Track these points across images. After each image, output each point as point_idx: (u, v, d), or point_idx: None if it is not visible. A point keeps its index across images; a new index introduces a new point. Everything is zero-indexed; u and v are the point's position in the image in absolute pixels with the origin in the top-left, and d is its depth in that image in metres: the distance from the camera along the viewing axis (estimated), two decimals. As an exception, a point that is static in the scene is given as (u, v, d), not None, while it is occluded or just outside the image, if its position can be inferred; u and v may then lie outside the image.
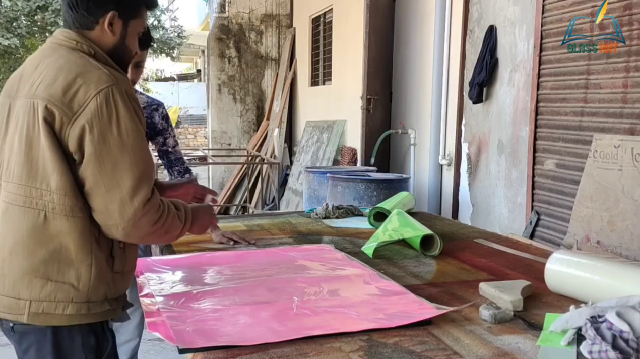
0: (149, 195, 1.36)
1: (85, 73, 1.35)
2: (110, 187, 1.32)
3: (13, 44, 10.57)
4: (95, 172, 1.32)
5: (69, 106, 1.32)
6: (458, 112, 4.47)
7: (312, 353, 1.18)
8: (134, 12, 1.49)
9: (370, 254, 1.96)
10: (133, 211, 1.33)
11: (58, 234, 1.34)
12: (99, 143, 1.31)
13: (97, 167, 1.32)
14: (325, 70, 7.60)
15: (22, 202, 1.35)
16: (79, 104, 1.32)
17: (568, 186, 3.24)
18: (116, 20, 1.44)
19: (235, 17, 9.20)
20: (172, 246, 2.09)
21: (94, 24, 1.43)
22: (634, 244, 2.47)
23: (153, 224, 1.37)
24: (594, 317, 1.18)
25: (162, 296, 1.51)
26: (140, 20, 1.51)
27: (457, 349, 1.20)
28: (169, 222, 1.42)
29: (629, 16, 2.85)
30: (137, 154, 1.36)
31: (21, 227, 1.34)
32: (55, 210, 1.33)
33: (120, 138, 1.33)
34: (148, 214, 1.35)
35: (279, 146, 8.02)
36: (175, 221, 1.44)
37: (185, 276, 1.72)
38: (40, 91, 1.35)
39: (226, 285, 1.61)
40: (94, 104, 1.32)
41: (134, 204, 1.33)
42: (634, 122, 2.82)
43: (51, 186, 1.33)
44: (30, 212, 1.34)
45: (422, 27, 5.08)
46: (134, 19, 1.49)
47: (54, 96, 1.33)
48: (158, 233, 1.41)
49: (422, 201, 4.75)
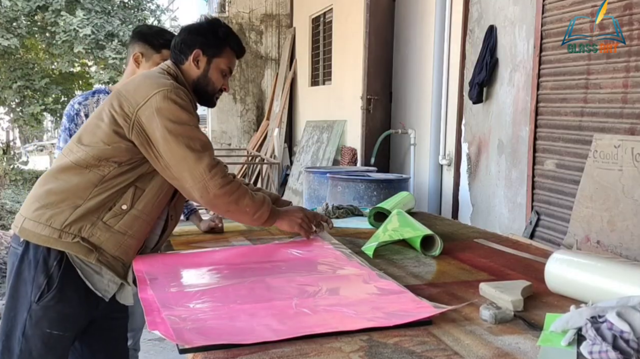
0: (213, 162, 1.72)
1: (154, 79, 1.77)
2: (178, 161, 1.70)
3: (13, 44, 10.55)
4: (166, 151, 1.69)
5: (134, 99, 1.71)
6: (458, 112, 4.47)
7: (313, 353, 1.18)
8: (218, 52, 1.86)
9: (370, 254, 1.96)
10: (200, 174, 1.69)
11: (70, 177, 1.72)
12: (160, 129, 1.68)
13: (163, 148, 1.69)
14: (325, 70, 7.60)
15: (66, 152, 1.77)
16: (142, 97, 1.70)
17: (568, 186, 3.24)
18: (201, 57, 1.85)
19: (235, 17, 9.21)
20: (172, 246, 2.10)
21: (184, 60, 1.86)
22: (634, 244, 2.47)
23: (220, 187, 1.71)
24: (595, 317, 1.18)
25: (161, 294, 1.51)
26: (224, 59, 1.88)
27: (458, 349, 1.20)
28: (239, 193, 1.76)
29: (629, 16, 2.86)
30: (191, 135, 1.71)
31: (53, 167, 1.79)
32: (80, 163, 1.72)
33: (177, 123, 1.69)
34: (215, 178, 1.70)
35: (279, 146, 8.02)
36: (247, 198, 1.79)
37: (184, 274, 1.72)
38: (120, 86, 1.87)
39: (225, 283, 1.61)
40: (155, 99, 1.69)
41: (199, 169, 1.69)
42: (634, 122, 2.82)
43: (87, 141, 1.73)
44: (63, 159, 1.76)
45: (422, 27, 5.09)
46: (218, 58, 1.87)
47: (128, 90, 1.75)
48: (227, 199, 1.74)
49: (422, 201, 4.75)
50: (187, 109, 1.73)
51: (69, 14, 10.61)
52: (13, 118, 12.63)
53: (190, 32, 1.88)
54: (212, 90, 1.89)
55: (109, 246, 1.74)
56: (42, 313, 1.71)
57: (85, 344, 1.96)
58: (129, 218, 1.75)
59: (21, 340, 1.71)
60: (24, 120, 12.09)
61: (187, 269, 1.77)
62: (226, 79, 1.92)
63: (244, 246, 2.08)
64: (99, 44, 10.89)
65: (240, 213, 1.83)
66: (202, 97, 1.89)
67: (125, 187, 1.74)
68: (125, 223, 1.75)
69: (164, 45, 2.20)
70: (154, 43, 2.26)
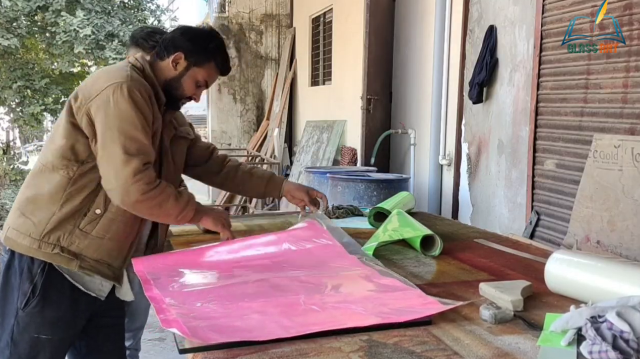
0: (139, 168, 1.66)
1: (112, 72, 1.74)
2: (109, 157, 1.67)
3: (13, 44, 10.54)
4: (101, 144, 1.67)
5: (89, 92, 1.69)
6: (458, 112, 4.47)
7: (312, 353, 1.18)
8: (200, 62, 1.84)
9: (370, 254, 1.96)
10: (124, 178, 1.65)
11: (42, 182, 1.74)
12: (105, 121, 1.66)
13: (102, 140, 1.67)
14: (325, 71, 7.60)
15: (40, 155, 1.79)
16: (96, 90, 1.68)
17: (568, 186, 3.24)
18: (181, 61, 1.83)
19: (235, 17, 9.20)
20: (172, 246, 2.11)
21: (165, 56, 1.84)
22: (634, 244, 2.46)
23: (142, 193, 1.67)
24: (594, 317, 1.18)
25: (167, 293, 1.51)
26: (204, 71, 1.86)
27: (457, 349, 1.20)
28: (162, 198, 1.72)
29: (629, 16, 2.85)
30: (130, 135, 1.67)
31: (30, 172, 1.81)
32: (47, 165, 1.73)
33: (120, 119, 1.66)
34: (138, 184, 1.66)
35: (279, 146, 8.02)
36: (170, 200, 1.74)
37: (186, 273, 1.71)
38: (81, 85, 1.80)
39: (229, 282, 1.61)
40: (107, 92, 1.66)
41: (124, 172, 1.65)
42: (634, 122, 2.82)
43: (54, 146, 1.73)
44: (39, 164, 1.77)
45: (422, 27, 5.08)
46: (198, 67, 1.85)
47: (86, 84, 1.74)
48: (149, 204, 1.71)
49: (422, 201, 4.75)
50: (139, 106, 1.69)
51: (69, 14, 10.60)
52: (13, 118, 12.63)
53: (183, 33, 1.87)
54: (180, 95, 1.87)
55: (90, 252, 1.75)
56: (29, 319, 1.74)
57: (84, 343, 1.96)
58: (105, 222, 1.75)
59: (10, 344, 1.75)
60: (24, 120, 12.08)
61: (189, 268, 1.76)
62: (199, 90, 1.90)
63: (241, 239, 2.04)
64: (99, 44, 10.88)
65: (163, 216, 1.80)
66: (168, 98, 1.87)
67: (96, 189, 1.73)
68: (102, 227, 1.75)
69: (154, 47, 2.20)
70: (144, 45, 2.28)
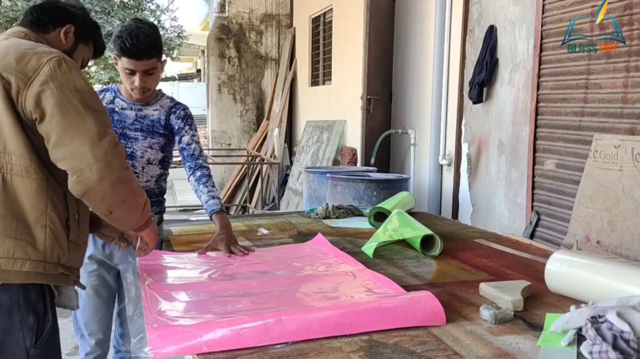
0: (116, 140, 1.47)
1: (35, 48, 1.49)
2: (78, 132, 1.41)
3: (13, 44, 10.56)
4: (62, 121, 1.41)
5: (23, 72, 1.42)
6: (458, 112, 4.47)
7: (312, 353, 1.18)
8: (85, 38, 1.71)
9: (370, 254, 1.96)
10: (104, 151, 1.42)
11: (15, 193, 1.42)
12: (60, 96, 1.42)
13: (62, 116, 1.41)
14: (325, 70, 7.60)
15: None
16: (32, 69, 1.42)
17: (568, 186, 3.24)
18: (70, 35, 1.66)
19: (235, 17, 9.20)
20: (172, 246, 2.10)
21: (51, 30, 1.63)
22: (634, 244, 2.46)
23: (125, 169, 1.48)
24: (595, 317, 1.18)
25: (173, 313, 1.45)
26: (88, 49, 1.74)
27: (458, 349, 1.20)
28: (135, 182, 1.54)
29: (629, 16, 2.85)
30: (97, 105, 1.47)
31: None
32: (13, 171, 1.43)
33: (78, 92, 1.44)
34: (119, 157, 1.45)
35: (279, 146, 8.02)
36: (141, 189, 1.58)
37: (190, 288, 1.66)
38: None
39: (237, 292, 1.58)
40: (48, 67, 1.43)
41: (103, 144, 1.42)
42: (634, 122, 2.82)
43: (9, 148, 1.42)
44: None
45: (422, 27, 5.08)
46: (83, 44, 1.70)
47: (9, 65, 1.43)
48: (127, 184, 1.50)
49: (422, 201, 4.75)
50: (84, 77, 1.51)
51: (69, 14, 10.59)
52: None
53: (63, 7, 1.68)
54: None
55: (78, 263, 1.60)
56: (45, 354, 1.50)
57: None
58: (82, 226, 1.58)
59: None
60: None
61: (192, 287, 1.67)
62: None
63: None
64: (99, 44, 10.87)
65: (133, 207, 1.57)
66: None
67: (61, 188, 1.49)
68: (83, 232, 1.59)
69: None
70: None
